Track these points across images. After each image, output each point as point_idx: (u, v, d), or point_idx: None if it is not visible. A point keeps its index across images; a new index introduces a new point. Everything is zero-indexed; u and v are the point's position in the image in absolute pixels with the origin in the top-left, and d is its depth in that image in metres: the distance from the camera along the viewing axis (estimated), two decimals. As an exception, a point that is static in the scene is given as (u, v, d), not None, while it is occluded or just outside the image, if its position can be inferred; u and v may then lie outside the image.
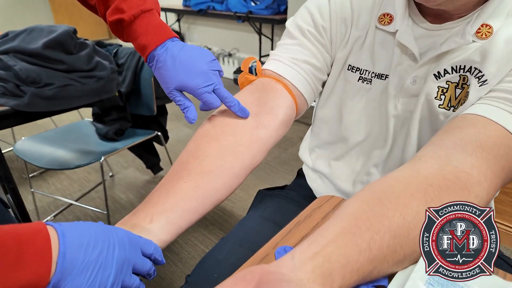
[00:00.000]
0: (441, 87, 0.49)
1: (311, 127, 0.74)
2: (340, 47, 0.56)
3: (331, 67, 0.58)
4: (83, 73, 1.01)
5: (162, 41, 0.47)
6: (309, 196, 0.70)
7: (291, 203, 0.67)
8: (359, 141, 0.60)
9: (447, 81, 0.48)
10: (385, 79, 0.54)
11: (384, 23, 0.52)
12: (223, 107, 0.51)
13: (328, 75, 0.59)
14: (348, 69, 0.56)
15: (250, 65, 0.55)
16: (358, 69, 0.55)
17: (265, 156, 0.50)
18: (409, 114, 0.53)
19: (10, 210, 0.62)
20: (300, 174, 0.77)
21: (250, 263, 0.38)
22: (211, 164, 0.44)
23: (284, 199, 0.68)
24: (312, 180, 0.70)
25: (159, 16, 0.50)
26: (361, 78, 0.55)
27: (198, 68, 0.46)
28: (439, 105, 0.49)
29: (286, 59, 0.54)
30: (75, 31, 1.03)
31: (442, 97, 0.49)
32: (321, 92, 0.62)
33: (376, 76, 0.54)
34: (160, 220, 0.39)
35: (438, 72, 0.48)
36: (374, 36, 0.53)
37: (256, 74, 0.55)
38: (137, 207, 0.41)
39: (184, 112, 0.48)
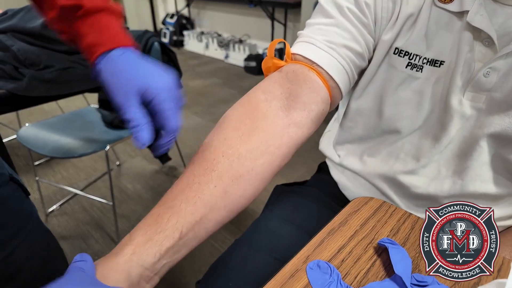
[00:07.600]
0: None
1: (336, 118, 0.66)
2: (387, 28, 0.46)
3: (374, 51, 0.49)
4: (86, 55, 0.94)
5: (126, 45, 0.40)
6: (332, 193, 0.63)
7: (312, 202, 0.60)
8: (402, 137, 0.51)
9: None
10: (439, 66, 0.45)
11: (445, 0, 0.42)
12: (254, 95, 0.43)
13: (369, 61, 0.50)
14: (394, 53, 0.47)
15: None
16: (407, 53, 0.46)
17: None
18: (484, 116, 0.44)
19: (29, 197, 0.56)
20: (322, 169, 0.70)
21: (279, 279, 0.31)
22: (242, 167, 0.36)
23: (304, 197, 0.61)
24: (338, 175, 0.63)
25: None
26: (410, 64, 0.46)
27: (163, 69, 0.41)
28: None
29: (321, 43, 0.45)
30: (77, 10, 0.96)
31: None
32: (357, 81, 0.53)
33: (428, 63, 0.45)
34: (187, 235, 0.31)
35: None
36: (430, 14, 0.44)
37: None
38: (155, 210, 0.33)
39: (133, 132, 0.37)
